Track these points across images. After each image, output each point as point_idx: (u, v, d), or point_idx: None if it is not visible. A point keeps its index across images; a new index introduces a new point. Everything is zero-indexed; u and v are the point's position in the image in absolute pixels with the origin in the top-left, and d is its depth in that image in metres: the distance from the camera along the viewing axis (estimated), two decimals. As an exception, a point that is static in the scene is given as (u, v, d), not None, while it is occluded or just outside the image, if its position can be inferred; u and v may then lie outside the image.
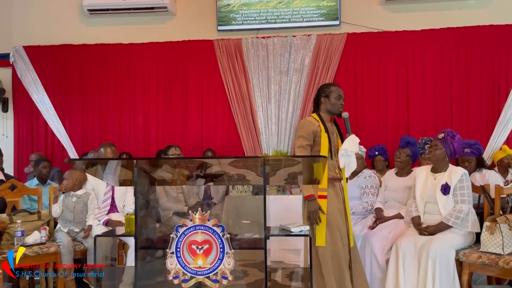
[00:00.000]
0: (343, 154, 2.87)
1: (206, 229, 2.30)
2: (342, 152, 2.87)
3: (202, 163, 2.48)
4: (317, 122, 2.92)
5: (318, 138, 2.89)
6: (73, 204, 3.64)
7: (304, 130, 2.91)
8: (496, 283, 3.31)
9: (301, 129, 2.93)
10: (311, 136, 2.89)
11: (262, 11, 5.30)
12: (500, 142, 4.77)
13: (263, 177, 2.34)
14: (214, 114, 5.36)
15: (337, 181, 2.95)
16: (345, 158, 2.88)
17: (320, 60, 5.13)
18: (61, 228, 3.61)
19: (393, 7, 5.14)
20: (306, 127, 2.92)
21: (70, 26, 5.61)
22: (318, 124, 2.91)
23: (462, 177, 3.11)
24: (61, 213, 3.63)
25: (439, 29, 5.00)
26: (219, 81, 5.33)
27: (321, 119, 2.94)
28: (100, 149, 3.95)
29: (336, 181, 2.94)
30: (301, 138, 2.90)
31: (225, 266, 2.29)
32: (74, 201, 3.65)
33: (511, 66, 4.87)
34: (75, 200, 3.65)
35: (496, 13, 4.94)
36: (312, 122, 2.94)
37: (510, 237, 2.83)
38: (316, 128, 2.90)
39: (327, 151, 2.87)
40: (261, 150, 5.20)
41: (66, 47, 5.53)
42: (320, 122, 2.92)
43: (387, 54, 5.08)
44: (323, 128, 2.90)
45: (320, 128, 2.89)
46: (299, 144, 2.90)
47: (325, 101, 2.97)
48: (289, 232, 2.80)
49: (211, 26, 5.40)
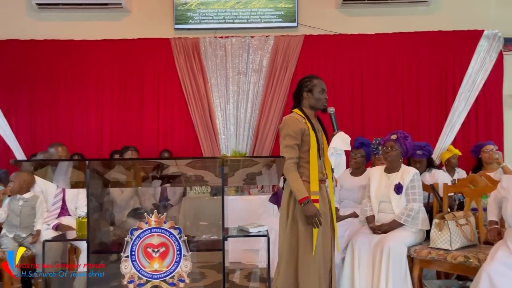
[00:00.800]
0: (333, 153, 2.67)
1: (162, 231, 2.25)
2: (331, 151, 2.67)
3: (158, 164, 2.42)
4: (303, 119, 2.67)
5: (306, 136, 2.63)
6: (19, 208, 3.45)
7: (291, 128, 2.63)
8: (445, 277, 3.46)
9: (288, 127, 2.64)
10: (299, 135, 2.62)
11: (220, 11, 5.27)
12: (448, 142, 5.01)
13: (222, 177, 2.32)
14: (171, 114, 5.27)
15: (323, 183, 2.74)
16: (335, 157, 2.68)
17: (278, 61, 5.17)
18: (6, 233, 3.41)
19: (349, 11, 5.27)
20: (293, 125, 2.63)
21: (17, 20, 5.33)
22: (304, 122, 2.66)
23: (414, 177, 3.23)
24: (7, 218, 3.43)
25: (392, 34, 5.18)
26: (176, 80, 5.24)
27: (305, 116, 2.69)
28: (50, 150, 3.77)
29: (322, 183, 2.73)
30: (288, 136, 2.62)
31: (182, 269, 2.25)
32: (21, 204, 3.46)
33: (458, 70, 5.12)
34: (22, 203, 3.47)
35: (444, 19, 5.17)
36: (299, 120, 2.67)
37: (457, 233, 2.96)
38: (303, 125, 2.64)
39: (316, 150, 2.63)
40: (219, 151, 5.16)
41: (13, 42, 5.25)
42: (306, 119, 2.67)
43: (343, 56, 5.20)
44: (310, 126, 2.65)
45: (308, 125, 2.65)
46: (286, 143, 2.63)
47: (308, 96, 2.72)
48: (248, 233, 2.79)
49: (168, 25, 5.31)
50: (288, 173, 2.61)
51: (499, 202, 2.68)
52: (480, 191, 3.21)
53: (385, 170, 3.37)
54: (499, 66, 5.10)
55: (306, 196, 2.56)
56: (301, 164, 2.66)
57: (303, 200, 2.55)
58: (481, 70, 5.06)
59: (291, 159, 2.60)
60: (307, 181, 2.64)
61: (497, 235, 2.64)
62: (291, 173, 2.60)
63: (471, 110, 5.07)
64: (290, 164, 2.59)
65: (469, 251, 2.89)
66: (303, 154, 2.66)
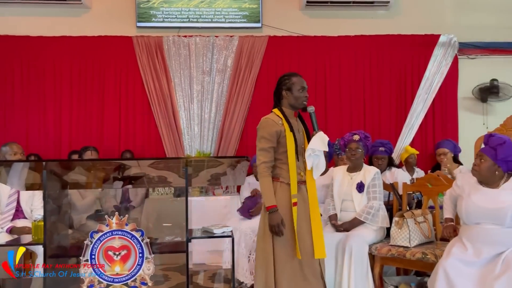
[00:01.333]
0: (310, 154, 2.57)
1: (123, 234, 2.20)
2: (309, 152, 2.57)
3: (120, 165, 2.36)
4: (280, 120, 2.59)
5: (282, 138, 2.55)
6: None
7: (266, 130, 2.55)
8: (404, 273, 3.57)
9: (263, 129, 2.57)
10: (274, 137, 2.55)
11: (184, 10, 5.21)
12: (407, 142, 5.18)
13: (185, 178, 2.29)
14: (133, 113, 5.16)
15: (302, 184, 2.64)
16: (313, 158, 2.58)
17: (242, 61, 5.17)
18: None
19: (312, 13, 5.34)
20: (268, 127, 2.56)
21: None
22: (281, 123, 2.58)
23: (375, 175, 3.32)
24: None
25: (354, 36, 5.29)
26: (139, 79, 5.14)
27: (284, 115, 2.61)
28: (3, 149, 3.60)
29: (302, 184, 2.63)
30: (263, 139, 2.55)
31: (145, 272, 2.20)
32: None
33: (416, 73, 5.30)
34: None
35: (404, 23, 5.34)
36: (275, 121, 2.58)
37: (416, 231, 3.06)
38: (279, 127, 2.56)
39: (293, 152, 2.56)
40: (183, 151, 5.10)
41: (-37, 37, 4.99)
42: (284, 120, 2.59)
43: (307, 58, 5.26)
44: (287, 127, 2.57)
45: (284, 127, 2.57)
46: (260, 146, 2.55)
47: (287, 94, 2.64)
48: (212, 234, 2.78)
49: (129, 22, 5.19)
50: (260, 178, 2.54)
51: (454, 200, 2.79)
52: (436, 190, 3.33)
53: (348, 170, 3.44)
54: (454, 69, 5.32)
55: (274, 204, 2.49)
56: (278, 165, 2.58)
57: (270, 208, 2.49)
58: (438, 73, 5.27)
59: (265, 163, 2.53)
60: (285, 183, 2.56)
61: (453, 231, 2.75)
62: (262, 178, 2.53)
63: (429, 111, 5.26)
64: (263, 168, 2.53)
65: (426, 247, 2.99)
66: (280, 155, 2.58)
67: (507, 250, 2.37)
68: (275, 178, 2.57)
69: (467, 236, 2.53)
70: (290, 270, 2.51)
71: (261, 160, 2.53)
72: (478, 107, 5.34)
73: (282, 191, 2.55)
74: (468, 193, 2.56)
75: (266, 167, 2.53)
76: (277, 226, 2.47)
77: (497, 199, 2.43)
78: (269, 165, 2.55)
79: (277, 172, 2.58)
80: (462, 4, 5.41)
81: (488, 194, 2.48)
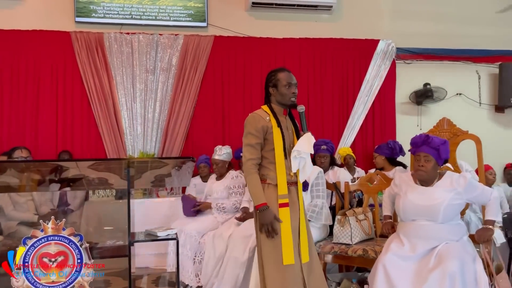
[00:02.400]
0: (295, 156, 2.43)
1: (60, 239, 2.08)
2: (294, 154, 2.43)
3: (57, 166, 2.24)
4: (268, 116, 2.48)
5: (269, 135, 2.44)
6: None
7: (252, 125, 2.45)
8: (346, 270, 3.68)
9: (249, 125, 2.46)
10: (261, 133, 2.43)
11: (126, 6, 5.05)
12: (348, 144, 5.36)
13: (127, 180, 2.22)
14: (72, 112, 4.91)
15: (293, 185, 2.51)
16: (298, 160, 2.44)
17: (188, 61, 5.09)
18: None
19: (258, 14, 5.38)
20: (255, 122, 2.45)
21: None
22: (269, 118, 2.47)
23: (318, 175, 3.40)
24: None
25: (298, 39, 5.39)
26: (77, 76, 4.90)
27: (272, 112, 2.50)
28: None
29: (292, 185, 2.50)
30: (249, 135, 2.44)
31: (84, 278, 2.10)
32: None
33: (357, 76, 5.50)
34: None
35: (345, 27, 5.52)
36: (262, 116, 2.48)
37: (357, 228, 3.17)
38: (266, 123, 2.45)
39: (281, 150, 2.43)
40: (125, 152, 4.93)
41: None
42: (272, 116, 2.48)
43: (253, 59, 5.29)
44: (274, 123, 2.45)
45: (272, 123, 2.45)
46: (246, 142, 2.44)
47: (273, 91, 2.54)
48: (156, 237, 2.72)
49: (68, 17, 4.94)
50: (247, 175, 2.42)
51: (392, 198, 2.93)
52: (376, 188, 3.47)
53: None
54: (392, 73, 5.58)
55: (264, 202, 2.35)
56: (264, 165, 2.47)
57: (259, 207, 2.35)
58: (377, 77, 5.50)
59: (251, 159, 2.41)
60: (271, 184, 2.44)
61: (391, 228, 2.88)
62: (249, 175, 2.41)
63: (369, 113, 5.47)
64: (250, 165, 2.41)
65: (367, 244, 3.11)
66: (267, 153, 2.46)
67: (440, 244, 2.51)
68: (262, 179, 2.44)
69: (404, 232, 2.66)
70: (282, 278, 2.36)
71: (247, 157, 2.41)
72: (414, 109, 5.64)
73: (269, 193, 2.42)
74: (405, 192, 2.69)
75: (253, 164, 2.41)
76: (270, 225, 2.34)
77: (431, 197, 2.58)
78: (256, 162, 2.43)
79: (264, 173, 2.46)
80: (399, 12, 5.68)
81: (423, 192, 2.62)
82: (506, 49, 5.80)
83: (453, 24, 5.73)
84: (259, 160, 2.45)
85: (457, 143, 3.15)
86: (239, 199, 3.94)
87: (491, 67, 5.82)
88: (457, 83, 5.70)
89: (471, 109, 5.77)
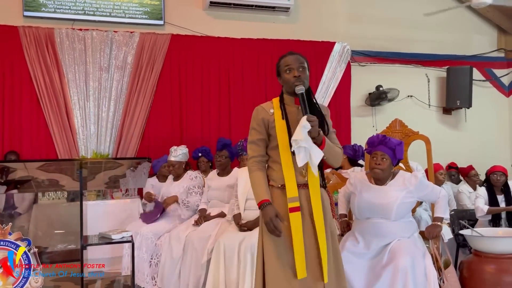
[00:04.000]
0: (294, 147, 2.02)
1: (6, 244, 1.98)
2: (293, 144, 2.02)
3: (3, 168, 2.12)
4: (272, 108, 2.19)
5: (272, 129, 2.15)
6: None
7: (255, 120, 2.20)
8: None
9: (252, 119, 2.21)
10: (262, 127, 2.16)
11: (79, 1, 4.87)
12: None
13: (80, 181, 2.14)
14: (19, 111, 4.67)
15: (303, 187, 2.12)
16: (297, 151, 2.01)
17: (144, 59, 4.98)
18: None
19: (216, 13, 5.35)
20: (256, 114, 2.20)
21: None
22: (273, 111, 2.18)
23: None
24: None
25: (256, 39, 5.42)
26: (26, 73, 4.67)
27: (282, 103, 2.20)
28: None
29: (302, 188, 2.12)
30: (252, 131, 2.20)
31: (32, 285, 2.01)
32: None
33: (314, 78, 5.57)
34: None
35: (303, 29, 5.61)
36: (265, 108, 2.20)
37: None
38: (267, 115, 2.17)
39: (286, 145, 2.10)
40: (78, 152, 4.75)
41: None
42: (278, 107, 2.19)
43: (211, 58, 5.25)
44: (279, 115, 2.15)
45: (275, 115, 2.16)
46: (249, 139, 2.21)
47: (280, 80, 2.27)
48: (110, 240, 2.65)
49: (15, 10, 4.71)
50: (249, 173, 2.17)
51: (348, 197, 3.00)
52: (332, 187, 3.54)
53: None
54: (347, 76, 5.72)
55: (264, 199, 2.06)
56: (268, 164, 2.20)
57: (260, 204, 2.06)
58: (333, 79, 5.62)
59: (252, 157, 2.17)
60: (275, 186, 2.14)
61: (346, 226, 2.95)
62: (250, 174, 2.16)
63: (325, 114, 5.58)
64: (251, 163, 2.17)
65: (323, 242, 3.16)
66: (270, 151, 2.18)
67: (393, 241, 2.60)
68: None
69: (359, 230, 2.74)
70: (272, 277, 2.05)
71: (249, 155, 2.20)
72: (368, 110, 5.82)
73: (274, 198, 2.11)
74: (360, 191, 2.77)
75: (255, 162, 2.16)
76: (271, 222, 2.01)
77: (385, 195, 2.67)
78: (258, 159, 2.17)
79: (268, 174, 2.19)
80: (355, 15, 5.85)
81: (378, 191, 2.71)
82: (453, 54, 6.12)
83: (405, 28, 5.97)
84: (262, 157, 2.19)
85: (408, 143, 3.27)
86: (197, 199, 3.90)
87: (439, 70, 6.11)
88: (408, 85, 5.94)
89: (421, 110, 6.03)
